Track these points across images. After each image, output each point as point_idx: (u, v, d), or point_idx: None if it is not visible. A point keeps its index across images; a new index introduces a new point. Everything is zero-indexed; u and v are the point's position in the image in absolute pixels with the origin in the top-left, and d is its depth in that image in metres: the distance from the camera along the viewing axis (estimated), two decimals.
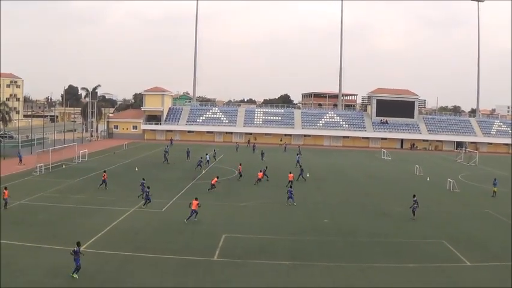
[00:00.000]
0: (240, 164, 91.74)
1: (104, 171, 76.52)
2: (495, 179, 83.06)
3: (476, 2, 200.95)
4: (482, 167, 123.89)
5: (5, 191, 58.21)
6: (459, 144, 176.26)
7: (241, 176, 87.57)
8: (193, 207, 55.01)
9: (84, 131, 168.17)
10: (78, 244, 37.66)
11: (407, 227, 55.94)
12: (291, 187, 69.68)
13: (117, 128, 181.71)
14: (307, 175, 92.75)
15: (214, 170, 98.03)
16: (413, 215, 60.24)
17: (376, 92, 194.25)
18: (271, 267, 41.82)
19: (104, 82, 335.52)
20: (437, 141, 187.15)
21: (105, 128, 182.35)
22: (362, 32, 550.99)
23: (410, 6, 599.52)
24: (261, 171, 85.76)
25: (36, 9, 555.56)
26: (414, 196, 61.14)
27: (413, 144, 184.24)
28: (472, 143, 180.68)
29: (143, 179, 71.65)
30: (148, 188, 64.68)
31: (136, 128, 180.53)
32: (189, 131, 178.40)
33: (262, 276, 39.63)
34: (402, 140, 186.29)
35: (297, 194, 70.68)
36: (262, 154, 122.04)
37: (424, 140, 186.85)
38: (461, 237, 53.91)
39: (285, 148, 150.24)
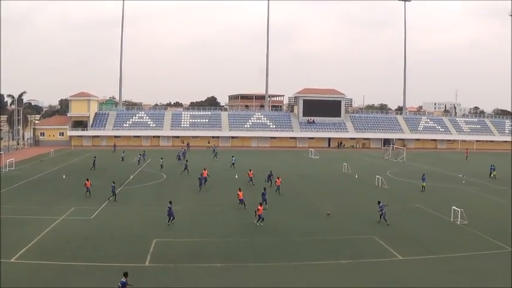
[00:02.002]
0: (205, 169, 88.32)
1: (87, 180, 74.97)
2: (424, 174, 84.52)
3: (403, 2, 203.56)
4: (410, 163, 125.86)
5: None
6: (386, 142, 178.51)
7: (206, 181, 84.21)
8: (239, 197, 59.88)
9: (11, 139, 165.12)
10: (126, 275, 34.79)
11: (338, 225, 56.31)
12: (264, 189, 69.19)
13: (43, 135, 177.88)
14: (236, 177, 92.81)
15: (144, 174, 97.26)
16: (385, 220, 58.50)
17: (303, 92, 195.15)
18: (204, 270, 41.75)
19: (30, 88, 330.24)
20: (364, 139, 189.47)
21: (32, 135, 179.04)
22: (289, 33, 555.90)
23: (337, 7, 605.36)
24: (250, 170, 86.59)
25: None
26: (379, 202, 60.19)
27: (341, 143, 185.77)
28: (399, 139, 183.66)
29: (113, 182, 73.09)
30: (113, 183, 70.73)
31: (62, 135, 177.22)
32: (115, 136, 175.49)
33: (195, 279, 39.50)
34: (329, 139, 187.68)
35: (226, 196, 70.71)
36: (215, 152, 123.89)
37: (351, 138, 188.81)
38: (392, 232, 54.66)
39: (214, 150, 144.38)
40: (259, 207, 56.81)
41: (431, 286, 38.49)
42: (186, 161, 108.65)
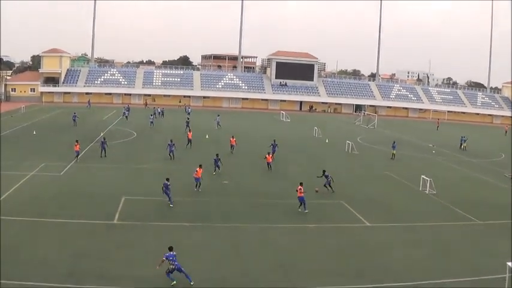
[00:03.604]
0: (190, 131, 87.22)
1: (77, 141, 69.98)
2: (394, 142, 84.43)
3: None
4: (381, 130, 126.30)
5: None
6: (358, 107, 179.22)
7: (189, 142, 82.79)
8: (197, 176, 53.33)
9: None
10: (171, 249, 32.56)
11: (306, 188, 56.04)
12: (217, 155, 65.26)
13: (14, 91, 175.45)
14: (206, 136, 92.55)
15: (115, 132, 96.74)
16: (332, 188, 56.91)
17: (277, 54, 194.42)
18: (171, 229, 41.96)
19: (1, 44, 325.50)
20: (336, 104, 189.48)
21: (3, 91, 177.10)
22: None
23: None
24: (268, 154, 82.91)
25: None
26: (324, 172, 58.64)
27: (312, 107, 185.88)
28: (371, 106, 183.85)
29: (104, 138, 74.10)
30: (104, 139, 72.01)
31: (34, 91, 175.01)
32: (87, 93, 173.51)
33: (162, 237, 39.31)
34: (301, 102, 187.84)
35: (197, 156, 70.50)
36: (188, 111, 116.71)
37: (323, 103, 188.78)
38: (361, 198, 55.13)
39: (186, 109, 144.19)
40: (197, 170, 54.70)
41: (396, 253, 38.87)
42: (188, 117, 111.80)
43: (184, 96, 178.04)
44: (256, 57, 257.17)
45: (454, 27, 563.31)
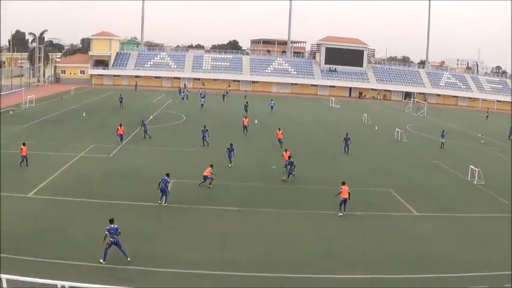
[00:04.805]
0: (246, 117, 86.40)
1: (120, 125, 69.87)
2: (443, 131, 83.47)
3: None
4: (430, 118, 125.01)
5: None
6: (407, 95, 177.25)
7: (245, 129, 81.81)
8: (205, 174, 50.43)
9: (31, 76, 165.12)
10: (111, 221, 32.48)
11: (355, 176, 56.06)
12: (231, 145, 60.96)
13: (64, 73, 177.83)
14: (255, 121, 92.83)
15: (164, 115, 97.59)
16: (287, 177, 54.24)
17: (326, 40, 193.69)
18: (217, 213, 42.35)
19: (52, 27, 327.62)
20: (385, 90, 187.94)
21: (52, 73, 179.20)
22: None
23: None
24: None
25: None
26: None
27: (361, 93, 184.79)
28: (420, 93, 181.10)
29: (142, 121, 74.96)
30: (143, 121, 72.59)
31: (83, 73, 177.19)
32: (136, 76, 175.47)
33: (208, 221, 40.09)
34: (350, 88, 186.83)
35: (246, 140, 70.95)
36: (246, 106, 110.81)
37: (372, 89, 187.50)
38: (409, 187, 54.76)
39: (226, 94, 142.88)
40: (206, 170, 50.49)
41: (441, 243, 38.67)
42: (246, 102, 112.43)
43: (234, 81, 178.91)
44: (306, 42, 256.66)
45: (503, 15, 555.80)
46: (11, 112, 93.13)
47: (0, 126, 74.10)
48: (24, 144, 54.02)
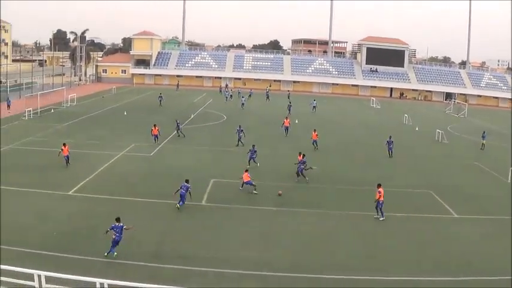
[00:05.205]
0: (287, 117, 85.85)
1: (154, 125, 69.74)
2: (484, 132, 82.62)
3: None
4: (471, 119, 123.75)
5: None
6: (448, 95, 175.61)
7: (286, 130, 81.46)
8: (245, 180, 48.63)
9: (73, 75, 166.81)
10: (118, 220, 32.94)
11: (395, 176, 55.93)
12: (253, 146, 60.32)
13: (105, 72, 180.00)
14: (296, 121, 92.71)
15: (205, 115, 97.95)
16: (298, 176, 53.75)
17: (367, 40, 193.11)
18: (257, 213, 42.51)
19: (93, 26, 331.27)
20: (426, 91, 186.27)
21: (94, 72, 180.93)
22: None
23: None
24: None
25: None
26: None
27: (402, 94, 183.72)
28: (461, 94, 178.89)
29: (177, 120, 75.24)
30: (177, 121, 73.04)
31: (125, 72, 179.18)
32: (178, 75, 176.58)
33: (249, 221, 40.33)
34: (391, 88, 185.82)
35: (286, 140, 70.95)
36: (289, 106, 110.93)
37: (413, 90, 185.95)
38: (449, 188, 54.05)
39: (267, 95, 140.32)
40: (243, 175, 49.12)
41: (480, 247, 38.23)
42: (290, 102, 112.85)
43: (275, 81, 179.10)
44: (347, 42, 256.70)
45: None
46: (52, 110, 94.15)
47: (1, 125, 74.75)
48: (64, 144, 54.44)
